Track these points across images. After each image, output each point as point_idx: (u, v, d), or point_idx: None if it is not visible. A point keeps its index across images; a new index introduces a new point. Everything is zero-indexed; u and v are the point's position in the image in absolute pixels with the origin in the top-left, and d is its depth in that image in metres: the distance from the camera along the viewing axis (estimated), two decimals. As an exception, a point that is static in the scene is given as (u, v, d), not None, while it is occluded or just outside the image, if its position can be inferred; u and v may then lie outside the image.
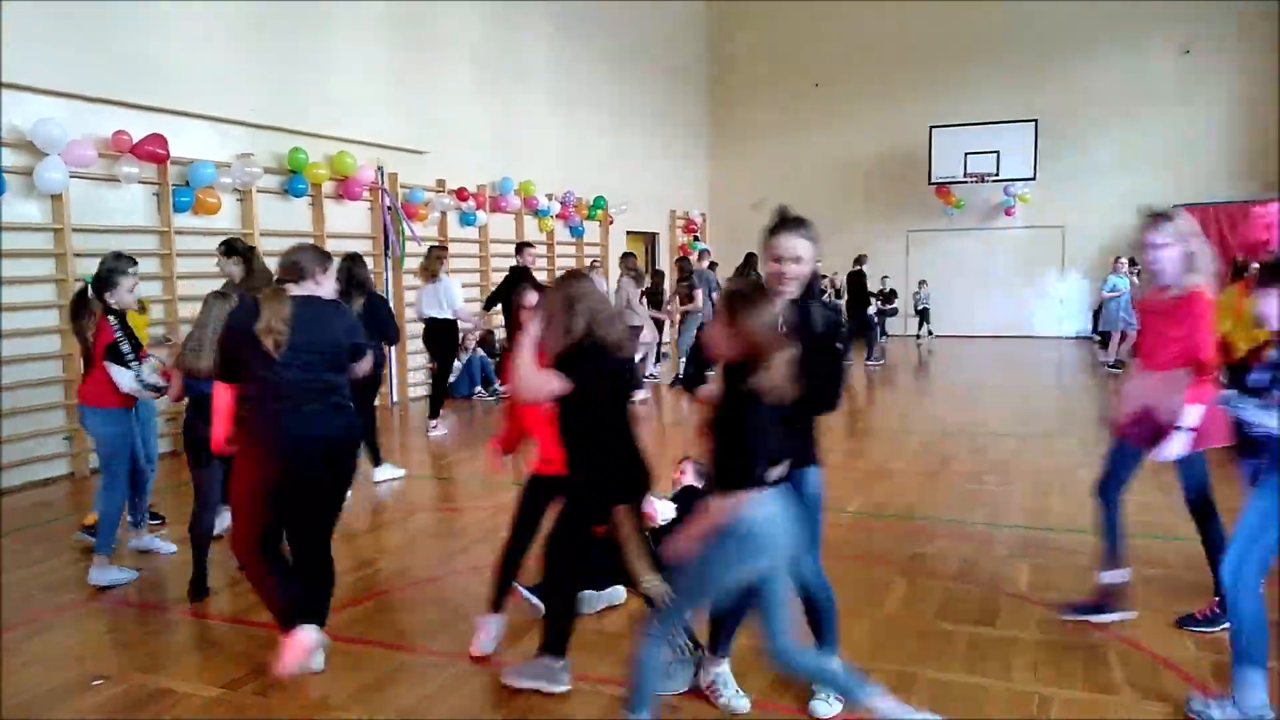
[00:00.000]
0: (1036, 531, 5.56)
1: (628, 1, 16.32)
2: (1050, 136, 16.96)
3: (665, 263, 17.99)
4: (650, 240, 18.23)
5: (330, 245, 9.92)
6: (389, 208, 10.66)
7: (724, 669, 3.43)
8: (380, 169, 10.60)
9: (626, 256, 12.48)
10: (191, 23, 8.48)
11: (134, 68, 7.95)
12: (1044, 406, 10.83)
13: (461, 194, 11.83)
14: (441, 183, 11.70)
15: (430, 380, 11.26)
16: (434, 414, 9.09)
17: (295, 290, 3.64)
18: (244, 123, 9.01)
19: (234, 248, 5.72)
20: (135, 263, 5.22)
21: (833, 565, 4.91)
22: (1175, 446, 3.60)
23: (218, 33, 8.75)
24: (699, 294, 12.12)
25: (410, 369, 11.26)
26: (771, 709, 3.40)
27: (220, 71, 8.77)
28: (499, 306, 9.94)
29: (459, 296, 9.18)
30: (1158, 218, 3.83)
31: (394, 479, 7.10)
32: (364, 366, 3.91)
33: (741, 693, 3.39)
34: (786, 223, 3.13)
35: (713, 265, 14.22)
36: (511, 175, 12.91)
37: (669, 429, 9.60)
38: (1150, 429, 3.78)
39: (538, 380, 3.12)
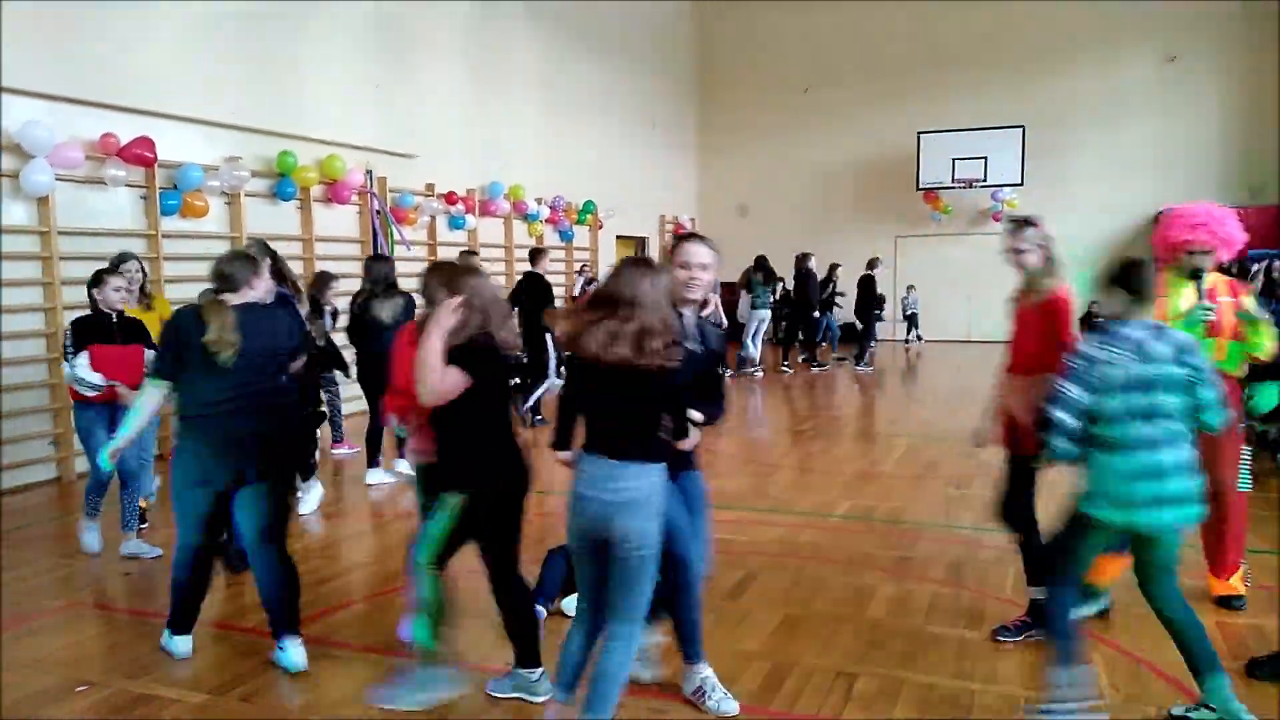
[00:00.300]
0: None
1: (616, 5, 16.35)
2: (1037, 142, 17.06)
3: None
4: (640, 245, 18.25)
5: (319, 249, 9.94)
6: (378, 211, 10.65)
7: (708, 673, 3.44)
8: (369, 172, 10.59)
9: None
10: (178, 26, 8.46)
11: (121, 70, 7.92)
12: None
13: (450, 198, 11.82)
14: (430, 186, 11.70)
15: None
16: None
17: (233, 299, 3.71)
18: (232, 126, 8.99)
19: (265, 249, 5.83)
20: (130, 259, 5.59)
21: (820, 568, 4.96)
22: None
23: (205, 36, 8.72)
24: (713, 297, 12.42)
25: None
26: (760, 711, 3.41)
27: (208, 74, 8.74)
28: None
29: None
30: (1020, 224, 3.92)
31: (384, 483, 7.09)
32: (297, 367, 4.16)
33: (729, 695, 3.40)
34: (691, 235, 3.45)
35: None
36: (501, 179, 12.91)
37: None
38: (1017, 434, 3.87)
39: (442, 375, 3.15)
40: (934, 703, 3.47)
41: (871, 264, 14.94)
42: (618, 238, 16.82)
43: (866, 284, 14.64)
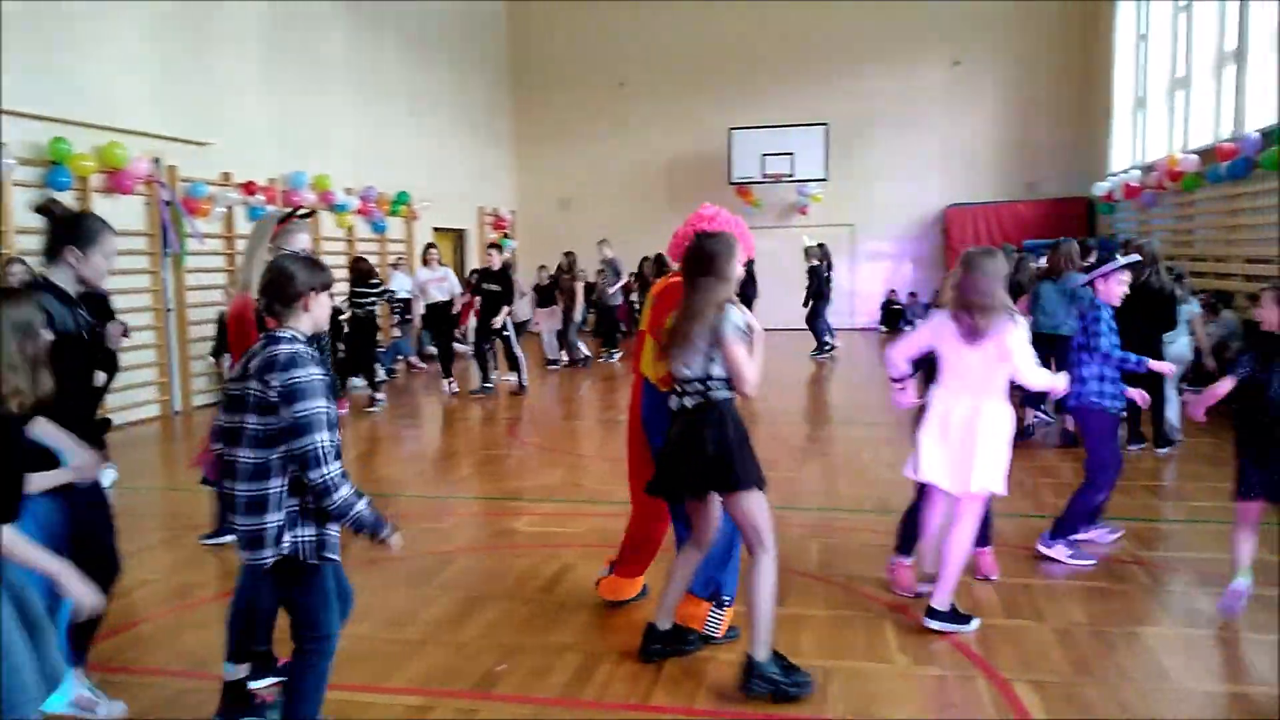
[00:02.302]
0: (826, 513, 5.87)
1: (428, -7, 15.98)
2: (839, 139, 17.92)
3: (474, 260, 17.76)
4: (458, 237, 17.93)
5: (100, 243, 9.18)
6: (167, 202, 9.94)
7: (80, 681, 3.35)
8: (157, 161, 9.87)
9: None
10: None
11: None
12: (836, 396, 11.49)
13: (250, 188, 11.20)
14: (227, 176, 11.03)
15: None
16: None
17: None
18: (-7, 108, 8.16)
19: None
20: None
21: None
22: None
23: (-43, 6, 7.87)
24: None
25: (194, 374, 10.53)
26: (571, 703, 3.41)
27: (-38, 50, 7.89)
28: None
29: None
30: (291, 217, 4.03)
31: None
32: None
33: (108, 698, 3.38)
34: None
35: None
36: (305, 169, 12.34)
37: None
38: None
39: None
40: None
41: (810, 253, 14.21)
42: (435, 230, 16.45)
43: (813, 275, 14.12)
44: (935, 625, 3.92)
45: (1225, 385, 4.01)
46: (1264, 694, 3.41)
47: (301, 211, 3.81)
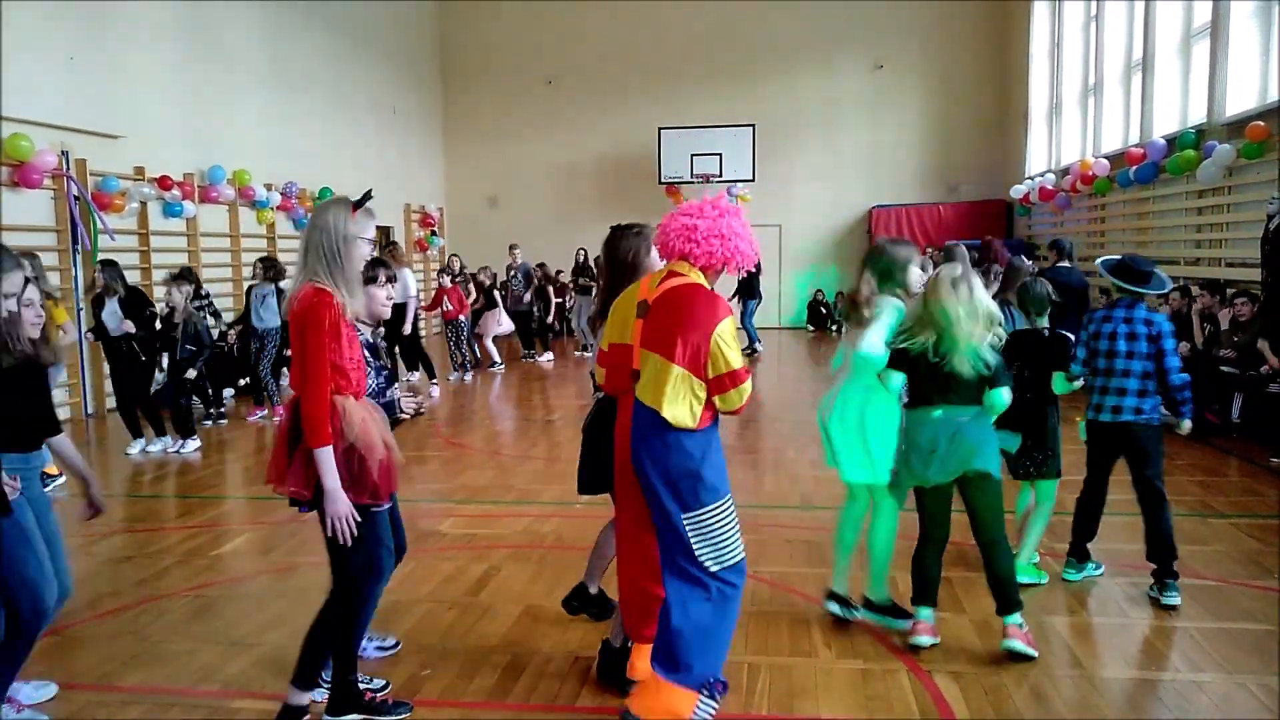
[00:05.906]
0: (752, 509, 5.90)
1: (351, -14, 15.68)
2: (766, 141, 18.09)
3: (400, 258, 17.46)
4: (385, 234, 17.63)
5: (6, 239, 8.78)
6: (76, 197, 9.57)
7: None
8: (65, 154, 9.49)
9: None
10: None
11: None
12: (760, 394, 11.60)
13: (165, 182, 10.84)
14: (140, 170, 10.66)
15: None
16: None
17: None
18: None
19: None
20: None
21: (563, 556, 5.00)
22: None
23: None
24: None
25: (105, 376, 10.13)
26: (497, 706, 3.38)
27: None
28: None
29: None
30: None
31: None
32: None
33: None
34: None
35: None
36: (223, 163, 12.00)
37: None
38: None
39: None
40: (666, 678, 3.58)
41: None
42: (359, 227, 16.14)
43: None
44: None
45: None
46: (1168, 679, 3.55)
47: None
